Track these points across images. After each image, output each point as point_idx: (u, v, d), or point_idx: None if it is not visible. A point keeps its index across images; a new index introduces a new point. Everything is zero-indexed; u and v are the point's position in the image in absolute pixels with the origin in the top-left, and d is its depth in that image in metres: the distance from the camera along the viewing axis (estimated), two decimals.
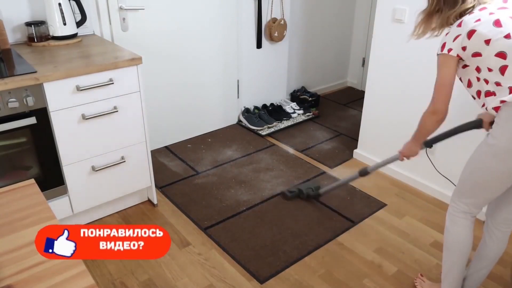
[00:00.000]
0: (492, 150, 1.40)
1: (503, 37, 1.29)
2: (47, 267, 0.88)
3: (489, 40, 1.31)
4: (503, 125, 1.35)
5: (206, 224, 2.27)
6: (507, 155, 1.36)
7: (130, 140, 2.16)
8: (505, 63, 1.30)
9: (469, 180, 1.53)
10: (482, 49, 1.33)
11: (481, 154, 1.46)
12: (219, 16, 2.98)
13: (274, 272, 1.96)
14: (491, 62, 1.33)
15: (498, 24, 1.30)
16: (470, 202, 1.55)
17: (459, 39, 1.36)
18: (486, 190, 1.49)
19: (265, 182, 2.65)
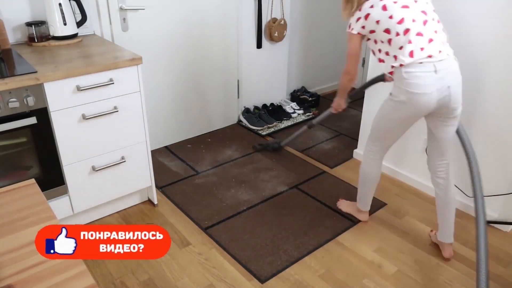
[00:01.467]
0: (392, 103, 1.82)
1: (388, 18, 1.71)
2: (47, 267, 0.88)
3: (378, 21, 1.74)
4: (398, 85, 1.76)
5: (206, 224, 2.27)
6: (402, 106, 1.77)
7: (130, 140, 2.16)
8: (389, 36, 1.73)
9: (378, 128, 1.97)
10: (375, 27, 1.76)
11: (385, 108, 1.88)
12: (219, 16, 2.98)
13: (275, 271, 1.96)
14: (381, 36, 1.76)
15: (384, 9, 1.72)
16: (380, 145, 2.01)
17: (360, 21, 1.80)
18: (388, 133, 1.96)
19: (265, 182, 2.65)
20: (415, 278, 1.95)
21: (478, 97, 2.19)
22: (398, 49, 1.72)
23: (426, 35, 1.70)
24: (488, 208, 2.29)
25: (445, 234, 2.05)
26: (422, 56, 1.67)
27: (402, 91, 1.74)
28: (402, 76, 1.71)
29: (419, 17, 1.71)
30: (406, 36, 1.69)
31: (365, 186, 2.17)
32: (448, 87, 1.71)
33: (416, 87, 1.69)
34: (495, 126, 2.17)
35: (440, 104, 1.73)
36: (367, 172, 2.11)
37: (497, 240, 2.20)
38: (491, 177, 2.24)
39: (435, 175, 1.99)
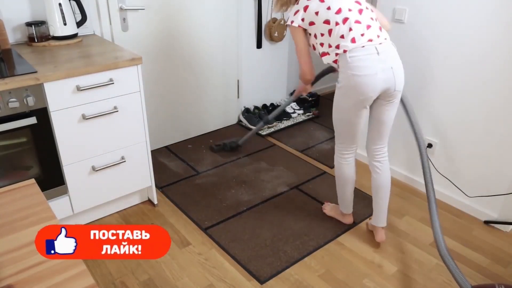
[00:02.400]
0: (340, 91, 1.86)
1: (326, 9, 1.78)
2: (47, 267, 0.88)
3: (317, 12, 1.79)
4: (343, 71, 1.81)
5: (206, 224, 2.27)
6: (350, 91, 1.81)
7: (130, 140, 2.16)
8: (329, 27, 1.79)
9: (335, 123, 1.99)
10: (314, 19, 1.81)
11: (336, 98, 1.90)
12: (219, 16, 2.98)
13: (275, 272, 1.96)
14: (321, 28, 1.81)
15: (322, 1, 1.79)
16: (343, 142, 2.01)
17: (298, 13, 1.84)
18: (347, 126, 1.95)
19: (265, 182, 2.65)
20: (415, 278, 1.95)
21: (478, 97, 2.19)
22: (340, 37, 1.77)
23: (363, 22, 1.78)
24: (488, 208, 2.30)
25: (378, 218, 2.09)
26: (363, 41, 1.75)
27: (348, 76, 1.78)
28: (347, 61, 1.76)
29: (354, 7, 1.80)
30: (346, 25, 1.76)
31: (341, 189, 2.15)
32: (391, 68, 1.77)
33: (361, 69, 1.75)
34: (495, 126, 2.17)
35: (385, 86, 1.79)
36: (340, 174, 2.10)
37: (497, 240, 2.20)
38: (491, 177, 2.24)
39: (373, 158, 2.03)
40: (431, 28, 2.26)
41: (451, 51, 2.22)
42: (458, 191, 2.39)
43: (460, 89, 2.25)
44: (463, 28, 2.14)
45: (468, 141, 2.30)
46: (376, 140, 2.00)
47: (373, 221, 2.13)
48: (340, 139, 2.02)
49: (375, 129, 1.98)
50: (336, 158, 2.08)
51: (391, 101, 1.87)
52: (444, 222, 2.33)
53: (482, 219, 2.33)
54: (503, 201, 2.23)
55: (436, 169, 2.45)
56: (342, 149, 2.03)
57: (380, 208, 2.08)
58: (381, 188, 2.05)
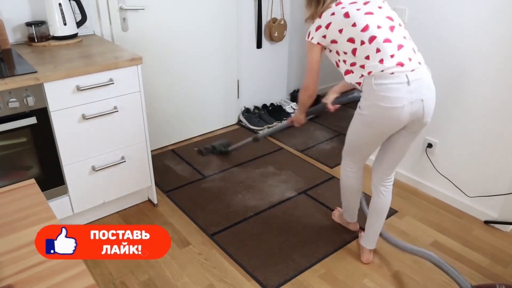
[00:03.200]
0: (361, 118, 1.71)
1: (351, 26, 1.60)
2: (47, 267, 0.88)
3: (341, 30, 1.63)
4: (366, 97, 1.65)
5: (213, 230, 2.23)
6: (372, 122, 1.67)
7: (130, 140, 2.16)
8: (354, 46, 1.61)
9: (350, 143, 1.88)
10: (337, 36, 1.65)
11: (356, 123, 1.78)
12: (219, 16, 2.98)
13: (283, 281, 1.92)
14: (345, 47, 1.64)
15: (347, 16, 1.61)
16: (354, 159, 1.92)
17: (320, 29, 1.68)
18: (362, 148, 1.86)
19: (273, 187, 2.61)
20: (415, 278, 1.95)
21: (478, 97, 2.19)
22: (364, 58, 1.60)
23: (394, 41, 1.58)
24: (488, 208, 2.30)
25: (369, 240, 2.00)
26: (392, 64, 1.56)
27: (371, 105, 1.62)
28: (372, 88, 1.59)
29: (385, 23, 1.61)
30: (373, 44, 1.57)
31: (347, 199, 2.07)
32: (422, 101, 1.59)
33: (387, 100, 1.57)
34: (494, 126, 2.17)
35: (412, 118, 1.62)
36: (347, 185, 2.01)
37: (497, 240, 2.20)
38: (491, 177, 2.24)
39: (380, 183, 1.91)
40: (431, 28, 2.26)
41: (451, 51, 2.22)
42: (458, 191, 2.39)
43: (460, 89, 2.25)
44: (463, 28, 2.14)
45: (468, 141, 2.30)
46: (388, 167, 1.87)
47: (363, 241, 2.03)
48: (350, 156, 1.92)
49: (389, 156, 1.84)
50: (345, 169, 1.97)
51: (414, 132, 1.73)
52: (444, 222, 2.33)
53: (482, 219, 2.33)
54: (503, 201, 2.23)
55: (436, 169, 2.45)
56: (350, 164, 1.94)
57: (374, 231, 1.99)
58: (381, 213, 1.94)
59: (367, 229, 2.01)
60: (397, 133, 1.73)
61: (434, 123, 2.41)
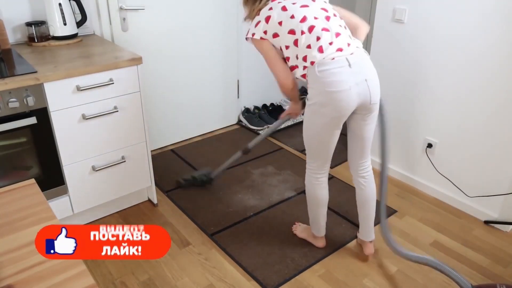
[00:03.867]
0: (311, 108, 1.71)
1: (289, 18, 1.65)
2: (47, 267, 0.88)
3: (281, 22, 1.66)
4: (312, 86, 1.66)
5: (212, 230, 2.23)
6: (322, 108, 1.67)
7: (130, 140, 2.16)
8: (295, 37, 1.64)
9: (307, 141, 1.83)
10: (278, 29, 1.67)
11: (306, 116, 1.75)
12: (219, 16, 2.98)
13: (282, 280, 1.92)
14: (286, 39, 1.67)
15: (284, 9, 1.67)
16: (316, 161, 1.87)
17: (260, 24, 1.70)
18: (321, 144, 1.80)
19: (272, 187, 2.61)
20: (415, 278, 1.95)
21: (478, 97, 2.19)
22: (306, 48, 1.63)
23: (332, 29, 1.64)
24: (488, 208, 2.30)
25: (366, 232, 2.02)
26: (332, 51, 1.61)
27: (319, 92, 1.64)
28: (316, 76, 1.61)
29: (321, 14, 1.67)
30: (313, 34, 1.62)
31: (313, 210, 2.02)
32: (365, 80, 1.64)
33: (333, 84, 1.60)
34: (494, 126, 2.17)
35: (360, 100, 1.65)
36: (312, 195, 1.97)
37: (497, 240, 2.20)
38: (491, 177, 2.24)
39: (357, 174, 1.94)
40: (431, 28, 2.26)
41: (451, 51, 2.22)
42: (458, 191, 2.39)
43: (461, 89, 2.25)
44: (463, 28, 2.14)
45: (468, 141, 2.30)
46: (358, 156, 1.90)
47: (361, 235, 2.04)
48: (312, 159, 1.89)
49: (356, 145, 1.87)
50: (308, 178, 1.94)
51: (368, 115, 1.74)
52: (444, 222, 2.33)
53: (482, 219, 2.33)
54: (503, 201, 2.23)
55: (436, 169, 2.45)
56: (314, 169, 1.90)
57: (367, 223, 1.99)
58: (367, 202, 1.95)
59: (361, 222, 2.02)
60: (352, 119, 1.77)
61: (434, 123, 2.42)
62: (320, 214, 2.02)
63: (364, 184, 1.94)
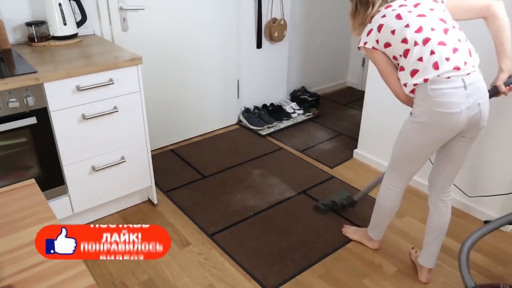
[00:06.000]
0: (415, 126, 1.63)
1: (404, 27, 1.54)
2: (47, 267, 0.88)
3: (394, 31, 1.56)
4: (421, 104, 1.57)
5: (212, 230, 2.23)
6: (427, 128, 1.59)
7: (130, 140, 2.16)
8: (407, 47, 1.54)
9: (399, 154, 1.77)
10: (390, 38, 1.57)
11: (406, 131, 1.69)
12: (219, 16, 2.98)
13: (282, 280, 1.92)
14: (398, 49, 1.57)
15: (399, 17, 1.56)
16: (401, 174, 1.81)
17: (372, 33, 1.61)
18: (412, 161, 1.75)
19: (272, 187, 2.61)
20: (415, 278, 1.95)
21: None
22: (417, 60, 1.52)
23: (449, 44, 1.51)
24: (488, 208, 2.30)
25: (428, 258, 1.92)
26: (448, 68, 1.49)
27: (427, 111, 1.55)
28: (428, 94, 1.51)
29: (439, 26, 1.53)
30: (427, 47, 1.50)
31: (380, 217, 1.97)
32: (478, 104, 1.53)
33: (444, 105, 1.50)
34: (494, 126, 2.17)
35: (469, 124, 1.56)
36: (385, 204, 1.90)
37: (497, 240, 2.20)
38: (491, 177, 2.24)
39: (438, 197, 1.83)
40: None
41: None
42: (458, 191, 2.39)
43: None
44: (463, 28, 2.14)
45: None
46: (446, 179, 1.78)
47: (421, 259, 1.93)
48: (396, 171, 1.81)
49: (447, 167, 1.75)
50: (386, 187, 1.86)
51: (472, 139, 1.65)
52: None
53: (482, 219, 2.33)
54: (503, 201, 2.23)
55: None
56: (395, 179, 1.82)
57: (433, 249, 1.89)
58: (442, 229, 1.86)
59: (426, 246, 1.91)
60: (454, 140, 1.65)
61: None
62: (386, 221, 1.99)
63: (443, 210, 1.83)
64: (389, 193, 1.87)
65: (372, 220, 2.02)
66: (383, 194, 1.89)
